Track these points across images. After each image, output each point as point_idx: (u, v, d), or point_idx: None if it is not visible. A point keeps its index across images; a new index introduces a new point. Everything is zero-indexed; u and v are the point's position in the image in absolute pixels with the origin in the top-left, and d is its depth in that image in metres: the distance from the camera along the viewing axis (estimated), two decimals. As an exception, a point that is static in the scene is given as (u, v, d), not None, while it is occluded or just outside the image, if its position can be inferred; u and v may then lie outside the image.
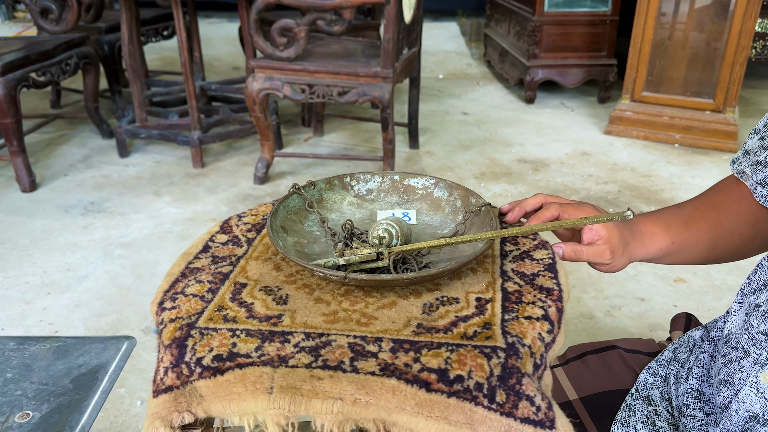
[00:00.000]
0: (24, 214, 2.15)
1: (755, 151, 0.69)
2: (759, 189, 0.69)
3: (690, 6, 2.73)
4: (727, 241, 0.73)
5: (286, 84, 2.20)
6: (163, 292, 0.68)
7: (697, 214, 0.74)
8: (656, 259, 0.75)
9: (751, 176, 0.69)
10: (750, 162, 0.70)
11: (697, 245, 0.74)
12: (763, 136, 0.68)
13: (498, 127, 3.04)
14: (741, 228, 0.72)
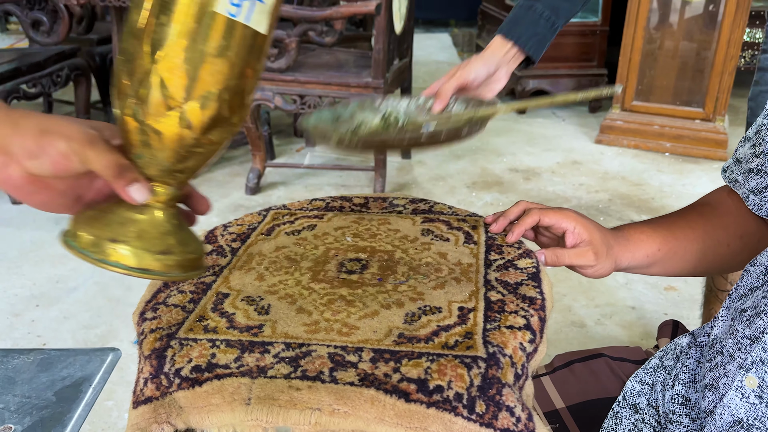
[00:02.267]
0: (14, 225, 2.14)
1: (747, 158, 0.69)
2: (751, 197, 0.69)
3: (679, 16, 2.76)
4: (714, 252, 0.73)
5: (277, 95, 2.20)
6: (145, 303, 0.67)
7: (684, 223, 0.74)
8: (643, 268, 0.75)
9: (744, 184, 0.69)
10: (742, 170, 0.70)
11: (685, 254, 0.73)
12: (755, 143, 0.68)
13: (489, 136, 3.05)
14: (729, 238, 0.72)
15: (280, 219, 0.85)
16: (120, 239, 0.48)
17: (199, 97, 0.46)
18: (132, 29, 0.46)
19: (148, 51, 0.45)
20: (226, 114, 0.48)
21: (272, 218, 0.86)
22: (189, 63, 0.45)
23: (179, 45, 0.44)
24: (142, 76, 0.45)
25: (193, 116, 0.46)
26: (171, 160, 0.48)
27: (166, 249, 0.49)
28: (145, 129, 0.47)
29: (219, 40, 0.45)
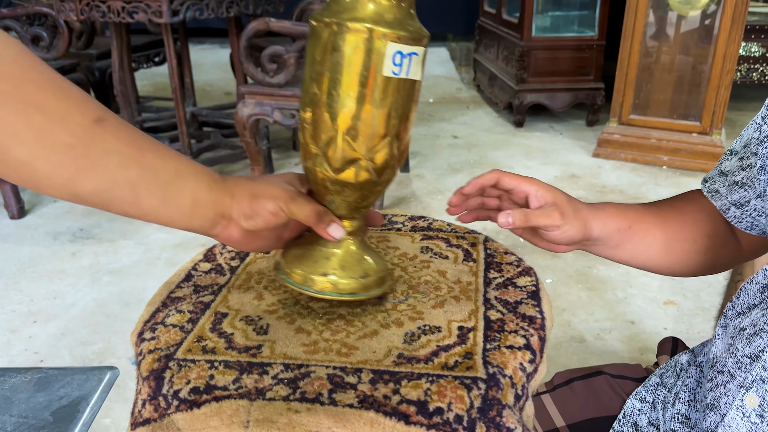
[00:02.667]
0: (12, 241, 2.14)
1: (733, 171, 0.69)
2: (732, 209, 0.69)
3: (675, 30, 2.77)
4: (681, 245, 0.72)
5: (276, 109, 2.21)
6: (143, 323, 0.67)
7: (656, 210, 0.73)
8: (613, 247, 0.72)
9: (726, 196, 0.69)
10: (726, 182, 0.70)
11: (654, 241, 0.72)
12: (743, 156, 0.68)
13: (488, 150, 3.06)
14: (696, 234, 0.72)
15: (278, 236, 0.85)
16: (329, 273, 0.60)
17: (375, 147, 0.56)
18: (313, 102, 0.55)
19: (328, 119, 0.54)
20: (396, 154, 0.58)
21: (271, 236, 0.86)
22: (364, 123, 0.54)
23: (354, 110, 0.53)
24: (327, 140, 0.55)
25: (372, 164, 0.56)
26: (357, 201, 0.60)
27: (364, 273, 0.61)
28: (335, 181, 0.57)
29: (387, 97, 0.54)
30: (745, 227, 0.69)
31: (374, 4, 0.53)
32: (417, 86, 0.56)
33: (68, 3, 2.24)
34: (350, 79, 0.53)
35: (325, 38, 0.53)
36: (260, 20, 2.11)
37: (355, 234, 0.63)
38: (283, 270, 0.62)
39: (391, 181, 0.62)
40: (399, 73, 0.53)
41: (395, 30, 0.52)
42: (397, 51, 0.53)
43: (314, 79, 0.55)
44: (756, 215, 0.67)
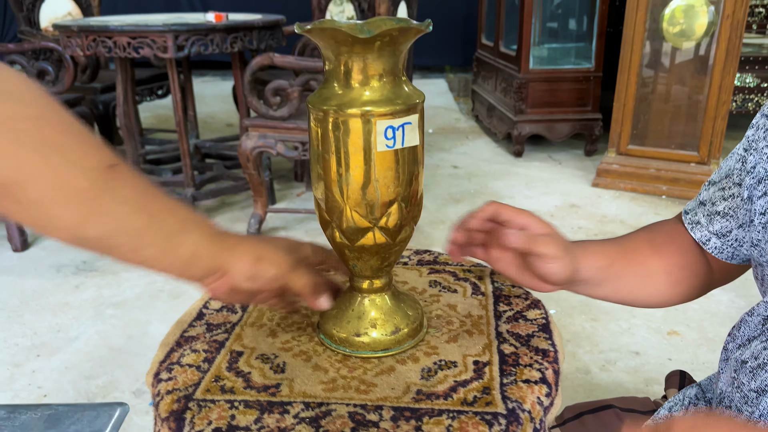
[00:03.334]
0: (15, 274, 2.14)
1: (714, 201, 0.70)
2: (713, 240, 0.70)
3: (671, 62, 2.82)
4: (656, 279, 0.73)
5: (279, 142, 2.23)
6: (159, 363, 0.67)
7: (631, 244, 0.75)
8: (595, 285, 0.73)
9: (707, 226, 0.70)
10: (706, 212, 0.71)
11: (632, 277, 0.73)
12: (724, 186, 0.69)
13: (488, 180, 3.09)
14: (669, 267, 0.73)
15: (290, 272, 0.86)
16: (362, 332, 0.64)
17: (385, 213, 0.59)
18: (320, 180, 0.60)
19: (335, 195, 0.59)
20: (408, 215, 0.61)
21: (282, 271, 0.86)
22: (369, 195, 0.58)
23: (358, 184, 0.57)
24: (339, 213, 0.60)
25: (385, 230, 0.60)
26: (378, 263, 0.64)
27: (395, 328, 0.65)
28: (352, 249, 0.62)
29: (388, 168, 0.57)
30: (726, 257, 0.70)
31: (361, 86, 0.57)
32: (418, 148, 0.60)
33: (74, 38, 2.28)
34: (349, 158, 0.57)
35: (320, 123, 0.58)
36: (264, 55, 2.14)
37: (384, 290, 0.67)
38: (321, 330, 0.68)
39: (409, 238, 0.65)
40: (393, 146, 0.57)
41: (383, 107, 0.56)
42: (387, 126, 0.56)
43: (317, 160, 0.59)
44: (737, 245, 0.69)
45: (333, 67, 0.58)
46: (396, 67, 0.58)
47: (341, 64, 0.57)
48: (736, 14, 2.57)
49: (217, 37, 2.27)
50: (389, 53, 0.56)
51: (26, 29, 3.03)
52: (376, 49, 0.55)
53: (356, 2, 3.27)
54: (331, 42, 0.55)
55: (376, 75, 0.57)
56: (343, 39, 0.54)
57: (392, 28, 0.53)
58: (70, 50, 2.32)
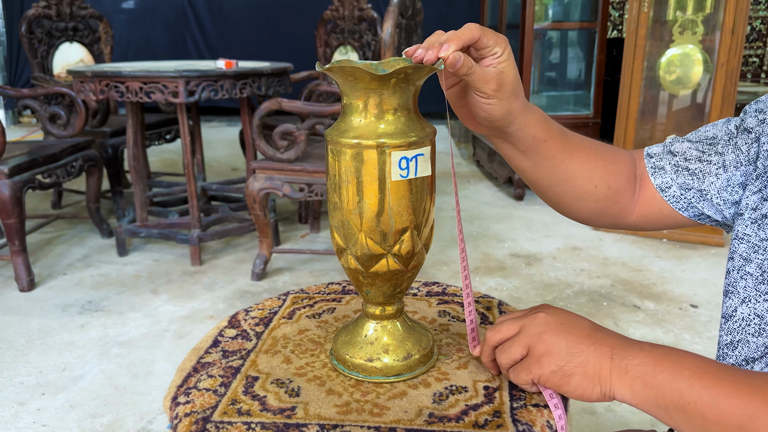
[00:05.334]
0: (21, 313, 2.15)
1: (687, 157, 0.72)
2: (674, 189, 0.73)
3: (668, 109, 2.89)
4: (581, 183, 0.73)
5: (285, 183, 2.28)
6: (176, 387, 0.69)
7: (576, 140, 0.74)
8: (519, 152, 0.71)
9: (670, 174, 0.73)
10: (674, 162, 0.73)
11: (560, 164, 0.72)
12: (703, 150, 0.72)
13: (490, 223, 3.12)
14: (599, 180, 0.74)
15: (299, 303, 0.88)
16: (374, 358, 0.66)
17: (398, 241, 0.62)
18: (336, 209, 0.63)
19: (350, 223, 0.62)
20: (420, 242, 0.64)
21: (292, 302, 0.88)
22: (383, 223, 0.61)
23: (372, 213, 0.60)
24: (354, 241, 0.63)
25: (397, 257, 0.63)
26: (390, 290, 0.66)
27: (407, 354, 0.67)
28: (366, 275, 0.65)
29: (401, 197, 0.60)
30: (680, 208, 0.73)
31: (377, 120, 0.60)
32: (429, 179, 0.63)
33: (88, 83, 2.35)
34: (364, 187, 0.60)
35: (338, 154, 0.61)
36: (273, 100, 2.20)
37: (396, 316, 0.69)
38: (334, 356, 0.70)
39: (421, 265, 0.67)
40: (407, 176, 0.60)
41: (398, 139, 0.59)
42: (402, 157, 0.59)
43: (334, 189, 0.63)
44: (695, 201, 0.72)
45: (350, 102, 0.61)
46: (409, 102, 0.62)
47: (358, 99, 0.61)
48: (730, 62, 2.65)
49: (227, 83, 2.34)
50: (403, 89, 0.60)
51: (40, 75, 3.11)
52: (392, 86, 0.59)
53: (361, 51, 3.37)
54: (350, 79, 0.59)
55: (390, 109, 0.60)
56: (362, 76, 0.58)
57: (406, 66, 0.57)
58: (83, 95, 2.39)
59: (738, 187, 0.69)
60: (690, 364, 0.54)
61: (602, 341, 0.59)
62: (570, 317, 0.63)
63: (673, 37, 2.86)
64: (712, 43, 2.77)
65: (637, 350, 0.57)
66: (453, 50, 0.59)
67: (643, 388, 0.54)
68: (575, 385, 0.57)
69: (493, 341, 0.64)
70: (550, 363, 0.58)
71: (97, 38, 3.43)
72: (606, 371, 0.56)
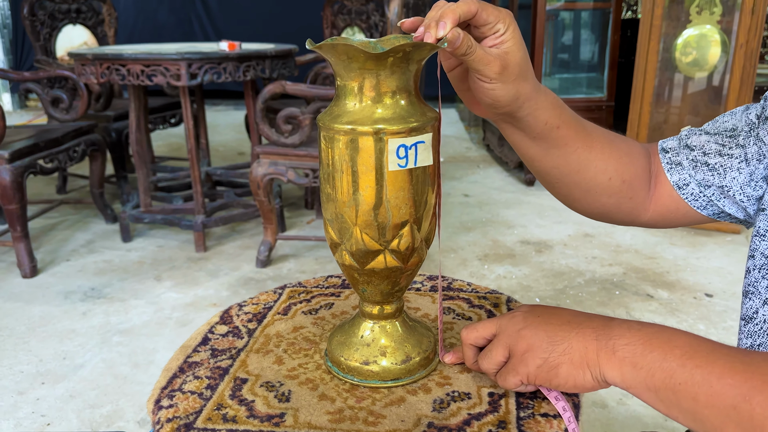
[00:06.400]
0: (23, 300, 2.12)
1: (706, 151, 0.67)
2: (693, 186, 0.67)
3: (684, 92, 2.81)
4: (594, 175, 0.67)
5: (290, 169, 2.23)
6: (160, 389, 0.65)
7: (591, 129, 0.68)
8: (533, 136, 0.65)
9: (688, 170, 0.67)
10: (692, 157, 0.67)
11: (572, 153, 0.66)
12: (723, 143, 0.66)
13: (499, 208, 3.06)
14: (613, 173, 0.68)
15: (296, 297, 0.84)
16: (371, 361, 0.62)
17: (396, 236, 0.57)
18: (329, 200, 0.58)
19: (345, 216, 0.57)
20: (420, 238, 0.59)
21: (288, 296, 0.84)
22: (380, 216, 0.56)
23: (368, 205, 0.55)
24: (348, 235, 0.57)
25: (396, 253, 0.58)
26: (389, 288, 0.61)
27: (406, 357, 0.62)
28: (362, 272, 0.59)
29: (399, 189, 0.55)
30: (699, 207, 0.67)
31: (373, 104, 0.55)
32: (431, 169, 0.57)
33: (89, 66, 2.30)
34: (360, 178, 0.55)
35: (331, 141, 0.56)
36: (277, 83, 2.15)
37: (395, 316, 0.65)
38: (329, 356, 0.65)
39: (422, 262, 0.62)
40: (405, 165, 0.55)
41: (396, 125, 0.54)
42: (400, 145, 0.54)
43: (327, 179, 0.57)
44: (715, 199, 0.66)
45: (344, 84, 0.56)
46: (409, 84, 0.56)
47: (353, 80, 0.55)
48: (749, 43, 2.56)
49: (230, 65, 2.29)
50: (402, 70, 0.55)
51: (43, 58, 3.07)
52: (389, 66, 0.54)
53: (368, 33, 3.29)
54: (343, 58, 0.54)
55: (388, 92, 0.55)
56: (355, 55, 0.52)
57: (405, 44, 0.51)
58: (85, 78, 2.35)
59: (762, 181, 0.63)
60: (681, 342, 0.49)
61: (584, 324, 0.54)
62: (548, 309, 0.58)
63: (690, 18, 2.77)
64: (730, 23, 2.67)
65: (624, 329, 0.52)
66: (450, 28, 0.52)
67: (632, 370, 0.50)
68: (565, 375, 0.53)
69: (469, 339, 0.61)
70: (534, 358, 0.54)
71: (100, 20, 3.38)
72: (592, 354, 0.52)
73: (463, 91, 0.64)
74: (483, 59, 0.55)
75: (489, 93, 0.58)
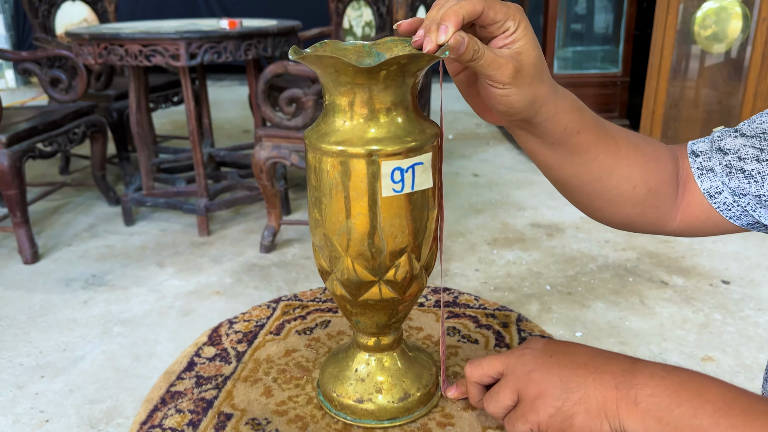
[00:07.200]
0: (24, 288, 2.09)
1: (741, 156, 0.59)
2: (726, 194, 0.60)
3: (702, 67, 2.70)
4: (618, 183, 0.61)
5: (293, 152, 2.16)
6: (140, 425, 0.60)
7: (614, 133, 0.61)
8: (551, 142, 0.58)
9: (721, 177, 0.60)
10: (726, 162, 0.60)
11: (594, 160, 0.60)
12: (762, 148, 0.58)
13: (510, 189, 2.99)
14: (638, 181, 0.61)
15: (290, 313, 0.78)
16: (365, 398, 0.57)
17: (392, 266, 0.51)
18: (317, 226, 0.52)
19: (335, 244, 0.51)
20: (419, 266, 0.53)
21: (282, 312, 0.79)
22: (373, 246, 0.50)
23: (359, 234, 0.50)
24: (339, 265, 0.52)
25: (392, 284, 0.52)
26: (385, 320, 0.56)
27: (404, 394, 0.57)
28: (355, 303, 0.54)
29: (394, 215, 0.49)
30: (732, 216, 0.60)
31: (366, 122, 0.48)
32: (431, 192, 0.51)
33: (86, 47, 2.23)
34: (351, 203, 0.49)
35: (318, 162, 0.50)
36: (278, 64, 2.07)
37: (392, 347, 0.59)
38: (321, 390, 0.60)
39: (422, 291, 0.57)
40: (401, 190, 0.49)
41: (391, 146, 0.47)
42: (395, 168, 0.48)
43: (314, 203, 0.52)
44: (750, 209, 0.59)
45: (333, 99, 0.50)
46: (405, 98, 0.50)
47: (342, 96, 0.49)
48: (773, 17, 2.45)
49: (231, 44, 2.21)
50: (398, 84, 0.48)
51: (41, 36, 3.00)
52: (382, 80, 0.47)
53: (374, 6, 3.19)
54: (330, 71, 0.47)
55: (382, 109, 0.49)
56: (344, 69, 0.46)
57: (400, 56, 0.45)
58: (82, 58, 2.28)
59: None
60: (713, 395, 0.44)
61: (602, 368, 0.49)
62: (561, 347, 0.52)
63: (710, -11, 2.64)
64: (753, -5, 2.55)
65: (647, 377, 0.46)
66: (453, 32, 0.45)
67: (657, 425, 0.44)
68: (580, 426, 0.47)
69: (474, 377, 0.55)
70: (546, 406, 0.49)
71: (100, -4, 3.29)
72: (611, 404, 0.46)
73: (471, 96, 0.57)
74: (493, 63, 0.48)
75: (502, 99, 0.51)
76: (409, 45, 0.51)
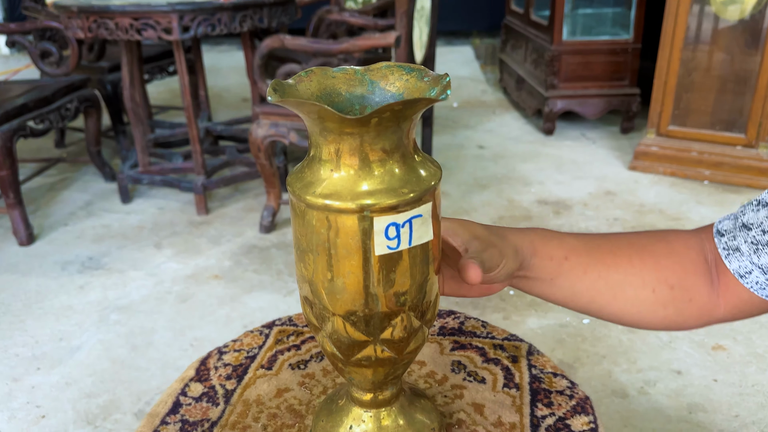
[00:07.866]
0: (19, 271, 2.05)
1: (765, 229, 0.55)
2: (756, 273, 0.54)
3: (718, 36, 2.59)
4: (635, 293, 0.59)
5: (292, 131, 2.09)
6: (118, 484, 0.56)
7: (608, 243, 0.61)
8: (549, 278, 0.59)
9: (749, 256, 0.55)
10: (751, 239, 0.55)
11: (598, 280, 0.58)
12: None
13: (516, 162, 2.91)
14: (656, 283, 0.58)
15: (284, 342, 0.73)
16: None
17: (389, 325, 0.46)
18: (304, 281, 0.47)
19: (325, 302, 0.46)
20: (418, 323, 0.48)
21: (275, 340, 0.73)
22: (366, 306, 0.45)
23: (350, 294, 0.44)
24: (329, 325, 0.47)
25: (389, 342, 0.47)
26: (381, 378, 0.51)
27: None
28: (348, 363, 0.49)
29: (388, 273, 0.44)
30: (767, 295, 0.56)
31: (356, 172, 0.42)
32: (431, 244, 0.45)
33: (75, 20, 2.14)
34: (338, 262, 0.44)
35: (302, 214, 0.44)
36: (275, 38, 1.98)
37: (391, 402, 0.54)
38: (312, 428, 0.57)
39: (422, 347, 0.51)
40: (397, 247, 0.43)
41: (385, 199, 0.41)
42: (390, 224, 0.42)
43: (300, 257, 0.46)
44: None
45: (318, 145, 0.43)
46: (401, 143, 0.43)
47: (329, 143, 0.42)
48: (795, -17, 2.32)
49: (225, 16, 2.11)
50: (392, 129, 0.41)
51: (30, 4, 2.89)
52: (374, 126, 0.40)
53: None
54: (314, 117, 0.41)
55: (376, 158, 0.42)
56: (329, 117, 0.39)
57: (392, 104, 0.38)
58: (72, 32, 2.18)
59: None
60: None
61: None
62: None
63: (730, -48, 2.51)
64: (775, -42, 2.42)
65: None
66: None
67: None
68: None
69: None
70: None
71: (90, -39, 3.15)
72: None
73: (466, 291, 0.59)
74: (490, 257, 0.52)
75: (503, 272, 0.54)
76: (406, 72, 0.46)
